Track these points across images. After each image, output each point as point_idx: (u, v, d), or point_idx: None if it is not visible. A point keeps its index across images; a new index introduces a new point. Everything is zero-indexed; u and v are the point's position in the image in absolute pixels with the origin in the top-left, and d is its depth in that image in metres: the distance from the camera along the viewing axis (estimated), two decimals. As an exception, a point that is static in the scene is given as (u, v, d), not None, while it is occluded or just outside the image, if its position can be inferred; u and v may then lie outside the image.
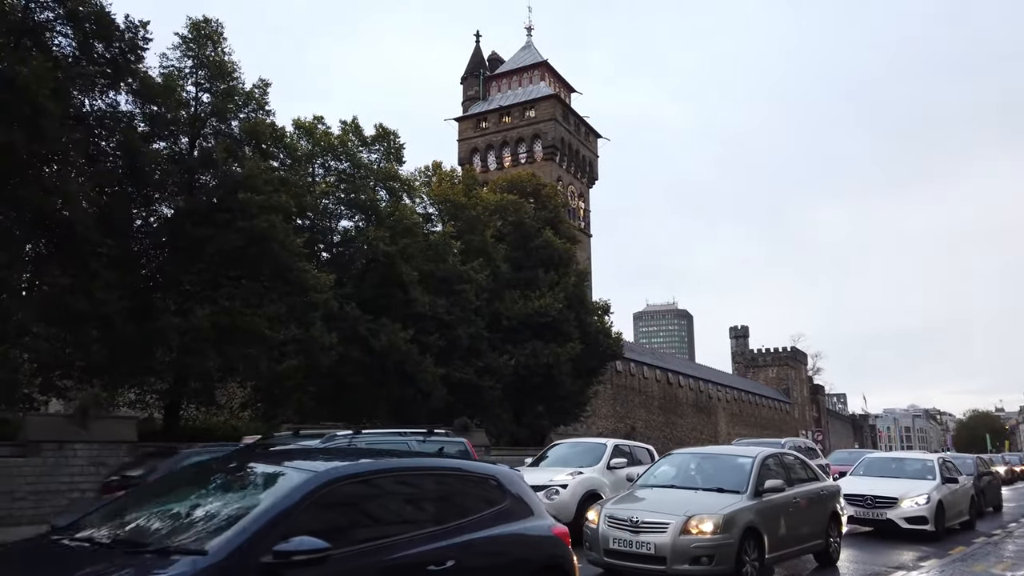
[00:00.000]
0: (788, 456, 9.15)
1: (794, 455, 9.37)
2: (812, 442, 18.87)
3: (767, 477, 7.95)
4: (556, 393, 31.72)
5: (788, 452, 9.40)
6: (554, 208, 35.18)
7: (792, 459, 9.17)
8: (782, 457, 8.87)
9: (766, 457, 8.37)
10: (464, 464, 5.15)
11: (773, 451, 8.90)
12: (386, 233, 24.68)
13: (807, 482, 8.92)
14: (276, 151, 24.61)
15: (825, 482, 9.32)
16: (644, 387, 64.58)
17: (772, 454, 8.71)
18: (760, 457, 8.23)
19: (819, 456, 18.05)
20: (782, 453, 9.10)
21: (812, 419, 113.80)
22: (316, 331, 21.27)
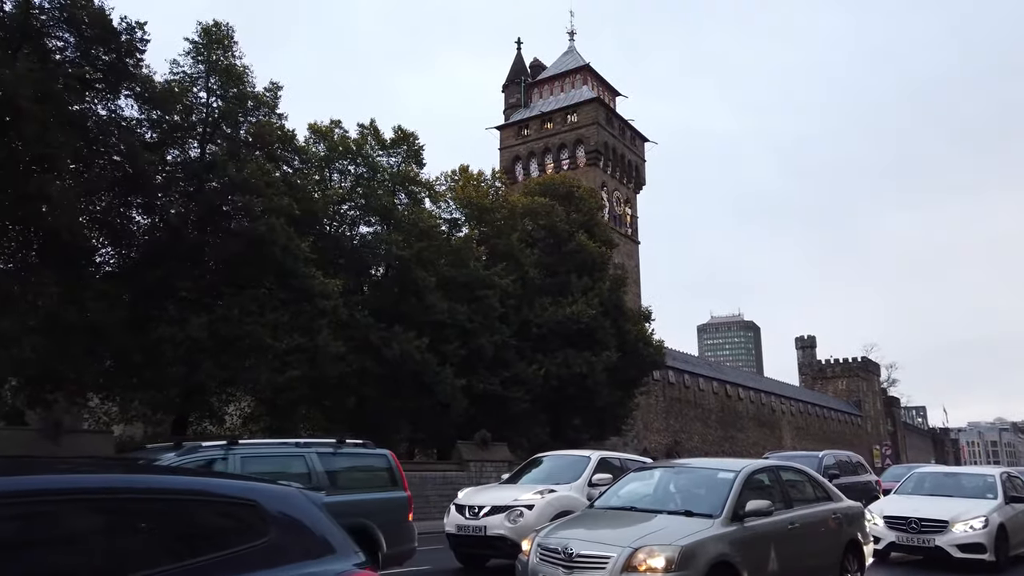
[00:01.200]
0: (789, 471, 7.35)
1: (800, 470, 7.55)
2: (858, 455, 16.71)
3: (752, 497, 6.23)
4: (592, 404, 29.95)
5: (791, 466, 7.58)
6: (588, 211, 33.51)
7: (796, 475, 7.38)
8: (779, 472, 7.07)
9: (753, 472, 6.64)
10: (206, 483, 3.51)
11: (767, 464, 7.13)
12: (401, 237, 23.51)
13: (815, 503, 7.13)
14: (288, 155, 23.76)
15: (841, 503, 7.48)
16: (700, 400, 61.86)
17: (764, 468, 6.96)
18: (745, 472, 6.51)
19: (866, 471, 15.91)
20: (781, 467, 7.29)
21: (887, 433, 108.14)
22: (322, 340, 20.16)
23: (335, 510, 6.89)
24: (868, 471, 16.04)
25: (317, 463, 7.75)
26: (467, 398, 25.29)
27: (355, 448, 8.67)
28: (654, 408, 55.98)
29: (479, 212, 29.29)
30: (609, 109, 55.09)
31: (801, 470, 7.56)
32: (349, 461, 8.46)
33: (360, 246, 23.86)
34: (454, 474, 21.42)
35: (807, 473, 7.51)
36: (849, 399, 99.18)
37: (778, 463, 7.24)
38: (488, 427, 27.13)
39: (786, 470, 7.29)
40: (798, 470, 7.54)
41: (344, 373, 21.56)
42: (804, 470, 7.58)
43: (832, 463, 14.58)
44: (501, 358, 27.01)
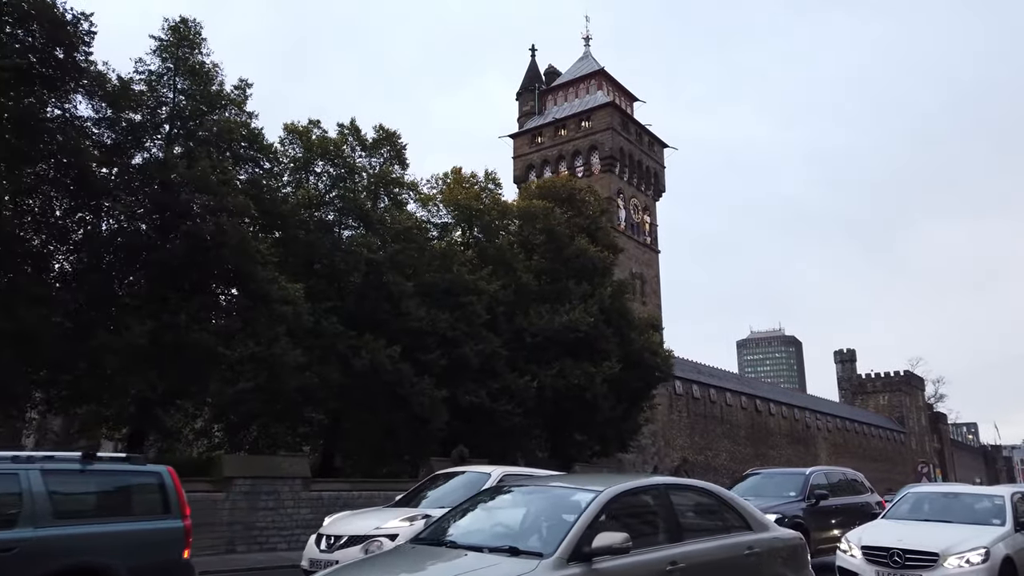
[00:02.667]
0: (688, 492, 5.49)
1: (706, 490, 5.64)
2: (857, 472, 14.60)
3: (608, 529, 4.47)
4: (592, 419, 28.00)
5: (693, 485, 5.69)
6: (591, 215, 31.74)
7: (698, 497, 5.53)
8: (668, 494, 5.16)
9: (622, 494, 4.79)
10: None
11: (647, 483, 5.24)
12: (375, 240, 22.06)
13: (721, 534, 5.32)
14: (256, 155, 22.51)
15: (764, 534, 5.63)
16: (728, 415, 59.26)
17: (640, 488, 5.11)
18: (606, 494, 4.67)
19: (866, 491, 13.81)
20: (674, 487, 5.35)
21: (933, 450, 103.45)
22: (279, 348, 18.68)
23: (47, 547, 5.11)
24: (868, 490, 13.95)
25: (37, 484, 5.99)
26: (450, 411, 23.64)
27: (112, 464, 6.91)
28: (677, 424, 53.65)
29: (469, 215, 27.77)
30: (624, 114, 53.34)
31: (707, 490, 5.70)
32: (98, 481, 6.69)
33: (333, 250, 22.44)
34: (425, 493, 19.69)
35: (716, 495, 5.64)
36: (891, 415, 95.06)
37: (666, 481, 5.35)
38: (476, 443, 25.41)
39: (681, 491, 5.45)
40: (703, 491, 5.68)
41: (310, 385, 20.10)
42: (712, 490, 5.71)
43: (823, 482, 12.58)
44: (491, 369, 25.31)
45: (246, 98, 22.44)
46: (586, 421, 28.13)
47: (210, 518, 15.22)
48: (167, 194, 18.68)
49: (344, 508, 17.02)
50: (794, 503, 11.69)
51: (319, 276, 22.84)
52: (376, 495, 18.28)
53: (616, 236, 49.62)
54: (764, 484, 13.06)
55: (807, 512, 11.60)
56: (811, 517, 11.54)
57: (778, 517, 11.51)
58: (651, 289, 52.78)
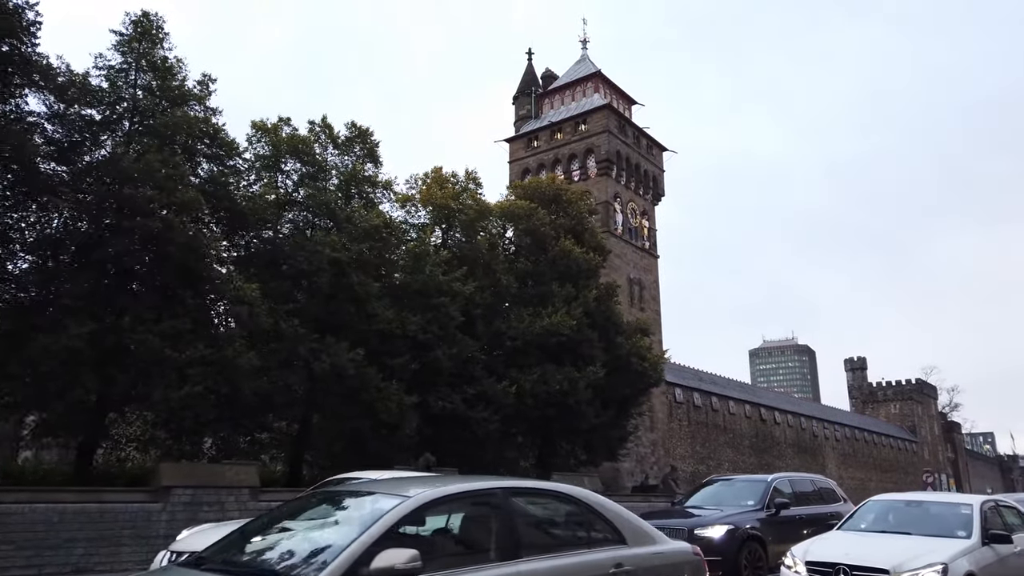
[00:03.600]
0: (540, 499, 4.42)
1: (566, 495, 4.54)
2: (828, 480, 13.51)
3: (402, 545, 3.48)
4: (576, 426, 26.94)
5: (544, 489, 4.58)
6: (577, 215, 30.77)
7: (553, 504, 4.50)
8: (510, 503, 4.02)
9: (429, 502, 3.80)
10: None
11: (477, 488, 4.16)
12: (339, 238, 21.19)
13: (578, 550, 4.31)
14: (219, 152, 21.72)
15: (641, 548, 4.60)
16: (731, 424, 57.92)
17: (453, 495, 4.06)
18: (412, 503, 3.67)
19: (837, 500, 12.70)
20: (519, 491, 4.27)
21: (947, 460, 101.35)
22: (233, 350, 17.80)
23: None
24: (841, 500, 12.84)
25: None
26: (422, 418, 22.70)
27: None
28: (677, 433, 52.40)
29: (447, 215, 26.88)
30: (621, 116, 52.40)
31: (570, 497, 4.64)
32: None
33: (298, 250, 21.58)
34: (387, 503, 18.71)
35: (581, 502, 4.61)
36: (903, 424, 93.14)
37: (507, 485, 4.27)
38: (451, 451, 24.47)
39: (531, 497, 4.43)
40: (563, 497, 4.63)
41: (268, 390, 19.21)
42: (576, 496, 4.66)
43: (786, 490, 11.51)
44: (466, 374, 24.36)
45: (209, 93, 21.77)
46: (569, 428, 27.10)
47: (144, 531, 14.30)
48: (113, 190, 17.91)
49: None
50: (750, 513, 10.68)
51: (284, 277, 22.00)
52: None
53: (612, 240, 48.79)
54: (723, 492, 12.05)
55: (765, 523, 10.57)
56: (769, 528, 10.51)
57: (730, 528, 10.52)
58: (650, 295, 51.63)
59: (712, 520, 10.54)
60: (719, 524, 10.39)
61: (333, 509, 4.26)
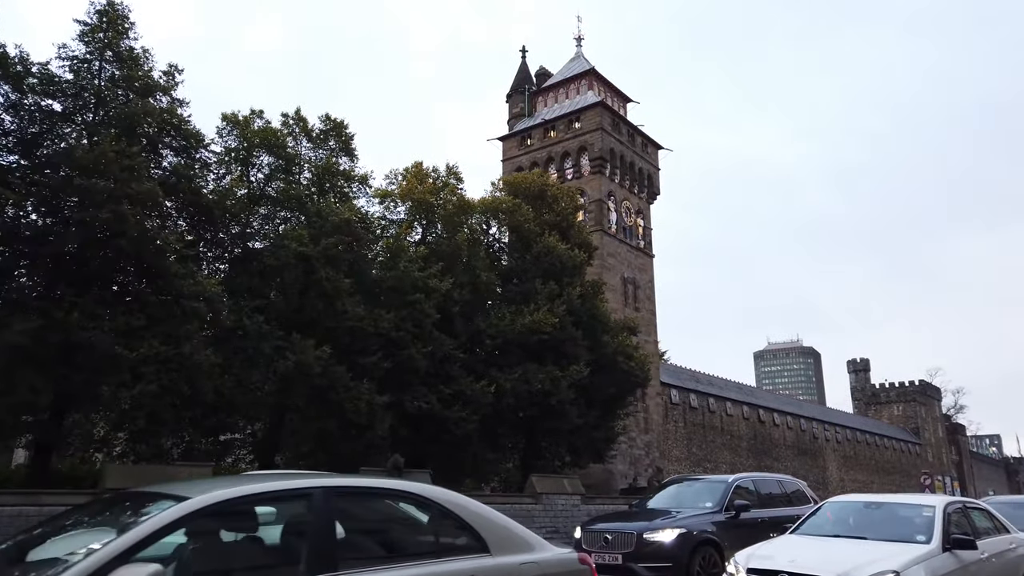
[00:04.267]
0: (359, 501, 3.52)
1: (409, 494, 3.77)
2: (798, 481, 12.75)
3: (127, 561, 2.74)
4: (558, 427, 26.20)
5: (384, 489, 3.82)
6: (562, 211, 30.06)
7: (382, 509, 3.63)
8: (327, 503, 3.28)
9: (212, 505, 3.05)
10: None
11: (263, 489, 3.28)
12: (306, 233, 20.54)
13: (421, 560, 3.59)
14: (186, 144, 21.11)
15: (508, 557, 3.91)
16: (728, 426, 57.08)
17: (248, 496, 3.14)
18: (181, 509, 2.95)
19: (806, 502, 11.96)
20: (335, 492, 3.43)
21: (951, 462, 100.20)
22: (189, 348, 17.16)
23: None
24: (811, 501, 12.09)
25: None
26: (396, 418, 22.02)
27: None
28: (673, 434, 51.63)
29: (425, 210, 26.21)
30: (615, 114, 51.67)
31: (420, 498, 3.85)
32: None
33: (265, 245, 20.97)
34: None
35: (434, 503, 3.84)
36: (906, 426, 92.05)
37: (328, 484, 3.45)
38: (428, 453, 23.80)
39: (362, 499, 3.67)
40: (411, 497, 3.88)
41: (230, 390, 18.56)
42: (428, 497, 3.85)
43: (750, 488, 10.79)
44: (443, 373, 23.67)
45: (176, 84, 21.20)
46: (552, 429, 26.37)
47: (86, 534, 13.67)
48: (68, 181, 17.30)
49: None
50: (706, 515, 9.97)
51: (254, 273, 21.37)
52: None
53: (606, 239, 48.08)
54: (683, 493, 11.35)
55: (723, 526, 9.85)
56: (727, 532, 9.79)
57: (682, 532, 9.81)
58: (644, 294, 50.83)
59: (663, 524, 9.87)
60: (670, 528, 9.70)
61: (105, 515, 3.56)
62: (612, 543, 9.98)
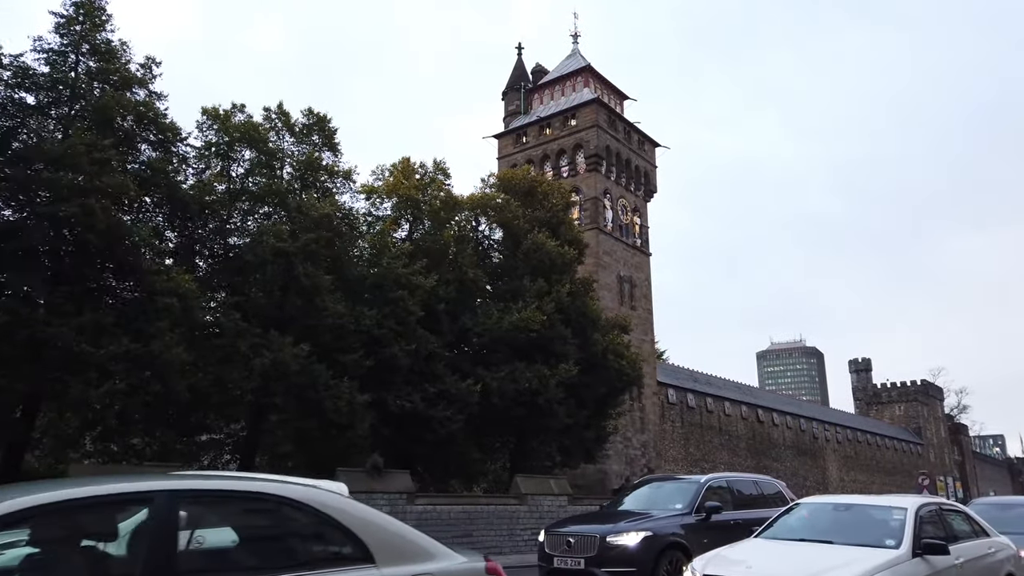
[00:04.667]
0: (212, 507, 3.26)
1: (278, 497, 3.24)
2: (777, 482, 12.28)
3: None
4: (546, 427, 25.75)
5: (239, 492, 3.23)
6: (552, 208, 29.60)
7: (240, 516, 3.40)
8: (171, 509, 2.83)
9: (18, 511, 2.69)
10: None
11: (89, 493, 2.86)
12: (285, 228, 20.13)
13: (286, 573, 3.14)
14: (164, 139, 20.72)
15: (397, 567, 3.47)
16: (727, 426, 56.56)
17: (63, 502, 2.77)
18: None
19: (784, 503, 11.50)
20: (182, 496, 2.95)
21: (953, 462, 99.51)
22: (159, 346, 16.73)
23: None
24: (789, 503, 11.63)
25: None
26: (378, 418, 21.61)
27: None
28: (670, 434, 51.14)
29: (411, 206, 25.78)
30: (611, 111, 51.17)
31: (292, 502, 3.34)
32: None
33: (242, 241, 20.56)
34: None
35: (308, 507, 3.33)
36: (908, 426, 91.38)
37: (176, 487, 2.96)
38: (412, 453, 23.40)
39: (215, 504, 3.17)
40: (271, 499, 3.34)
41: (205, 388, 18.16)
42: (301, 501, 3.34)
43: (726, 492, 10.33)
44: (427, 371, 23.23)
45: (153, 77, 20.86)
46: (541, 429, 25.91)
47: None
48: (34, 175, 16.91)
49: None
50: (675, 517, 9.52)
51: (233, 269, 20.98)
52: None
53: (602, 237, 47.60)
54: (655, 494, 10.90)
55: (692, 529, 9.40)
56: (697, 535, 9.34)
57: (647, 536, 9.36)
58: (641, 293, 50.34)
59: (627, 526, 9.43)
60: (635, 531, 9.26)
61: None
62: (575, 546, 9.55)
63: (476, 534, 19.87)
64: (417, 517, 18.95)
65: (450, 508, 19.77)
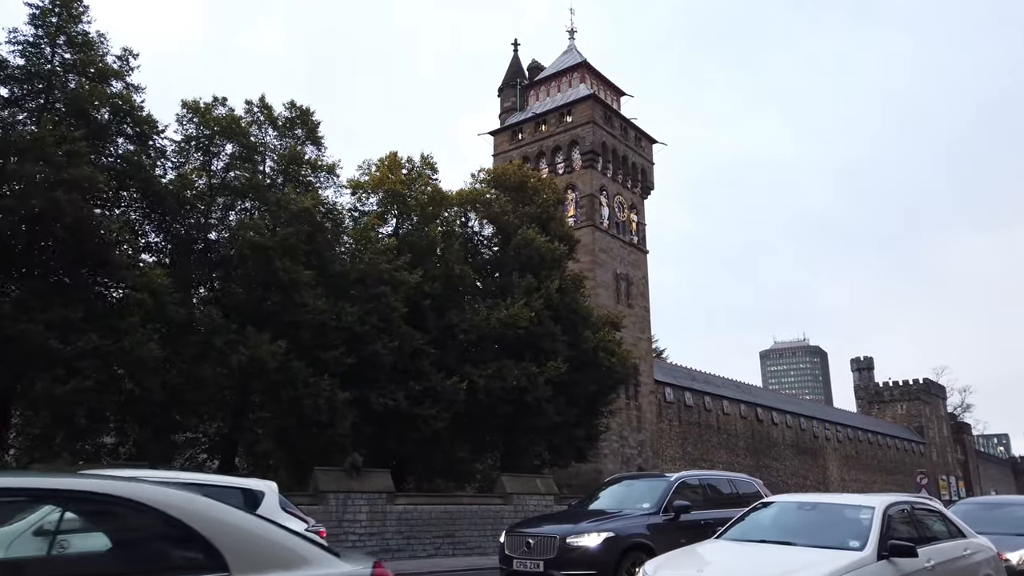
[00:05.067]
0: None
1: (90, 494, 2.82)
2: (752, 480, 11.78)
3: None
4: (535, 425, 25.31)
5: (33, 490, 2.83)
6: (542, 203, 29.15)
7: (26, 517, 2.82)
8: None
9: None
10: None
11: None
12: (263, 222, 19.74)
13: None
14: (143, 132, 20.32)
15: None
16: (725, 425, 56.04)
17: None
18: None
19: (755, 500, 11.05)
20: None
21: (956, 462, 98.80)
22: (132, 342, 16.35)
23: None
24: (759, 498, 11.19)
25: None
26: (361, 416, 21.21)
27: None
28: (667, 433, 50.64)
29: (397, 200, 25.36)
30: (607, 107, 50.70)
31: (119, 500, 2.70)
32: None
33: (220, 235, 20.18)
34: (305, 509, 17.17)
35: (145, 509, 2.82)
36: (910, 425, 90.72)
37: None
38: (396, 451, 23.00)
39: (31, 504, 2.74)
40: (105, 499, 2.89)
41: (180, 386, 17.77)
42: (133, 500, 2.77)
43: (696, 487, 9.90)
44: (412, 368, 22.83)
45: (131, 69, 20.51)
46: (529, 427, 25.47)
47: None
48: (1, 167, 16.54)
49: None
50: (640, 517, 9.09)
51: (212, 264, 20.61)
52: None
53: (598, 234, 47.14)
54: (625, 493, 10.48)
55: (659, 529, 8.97)
56: (664, 535, 8.91)
57: (609, 536, 8.93)
58: (638, 291, 49.86)
59: (589, 527, 9.00)
60: (596, 532, 8.84)
61: None
62: (534, 548, 9.13)
63: (459, 534, 19.47)
64: (397, 517, 18.56)
65: (432, 508, 19.35)
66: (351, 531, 17.65)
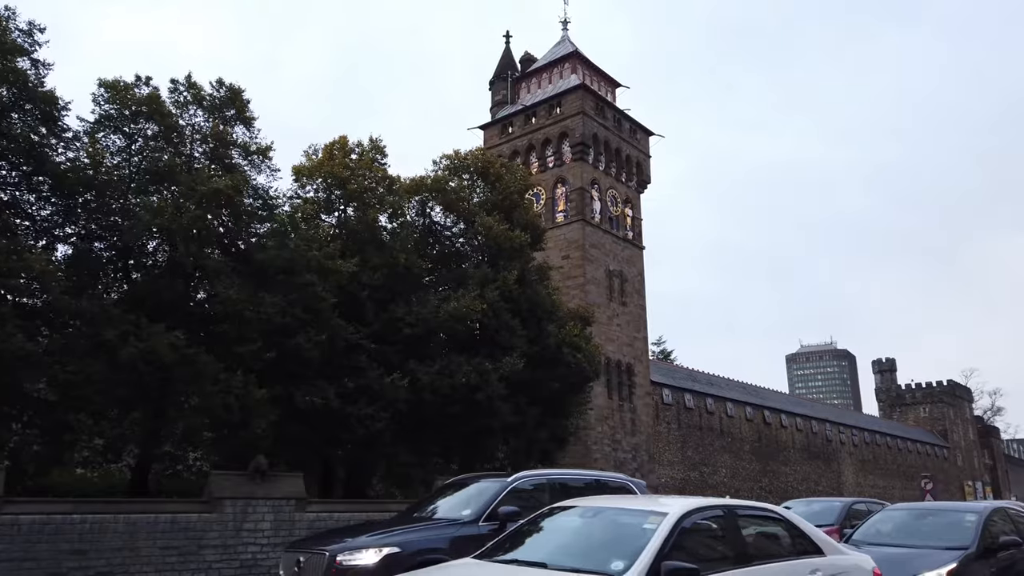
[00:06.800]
0: None
1: None
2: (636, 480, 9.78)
3: None
4: (487, 426, 23.42)
5: None
6: (504, 190, 27.31)
7: None
8: None
9: None
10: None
11: None
12: (167, 204, 18.14)
13: None
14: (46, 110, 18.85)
15: None
16: (729, 428, 53.62)
17: None
18: None
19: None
20: None
21: (984, 467, 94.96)
22: (2, 335, 14.78)
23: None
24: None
25: None
26: (286, 415, 19.53)
27: None
28: (665, 437, 48.42)
29: (339, 186, 23.70)
30: (599, 97, 48.75)
31: None
32: None
33: (122, 217, 18.57)
34: (196, 517, 15.52)
35: None
36: (933, 428, 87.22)
37: None
38: (330, 455, 21.28)
39: None
40: None
41: (72, 383, 16.19)
42: None
43: (541, 486, 8.06)
44: (348, 364, 21.12)
45: (36, 45, 19.08)
46: (481, 429, 23.59)
47: None
48: None
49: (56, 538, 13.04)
50: (447, 527, 7.35)
51: (115, 250, 19.08)
52: (116, 520, 14.32)
53: (588, 229, 45.15)
54: (459, 497, 8.68)
55: (469, 541, 7.13)
56: (475, 549, 7.02)
57: (391, 552, 7.09)
58: (633, 288, 47.77)
59: (367, 542, 7.18)
60: (375, 547, 7.02)
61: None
62: (304, 569, 7.34)
63: (380, 545, 17.65)
64: (308, 526, 16.81)
65: (350, 515, 17.56)
66: (251, 541, 15.96)
